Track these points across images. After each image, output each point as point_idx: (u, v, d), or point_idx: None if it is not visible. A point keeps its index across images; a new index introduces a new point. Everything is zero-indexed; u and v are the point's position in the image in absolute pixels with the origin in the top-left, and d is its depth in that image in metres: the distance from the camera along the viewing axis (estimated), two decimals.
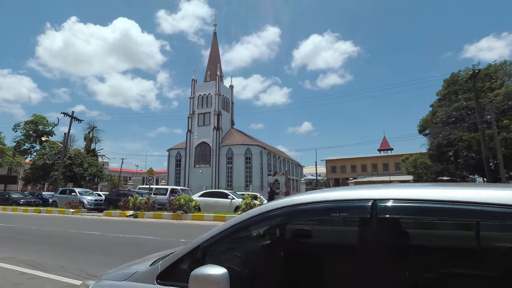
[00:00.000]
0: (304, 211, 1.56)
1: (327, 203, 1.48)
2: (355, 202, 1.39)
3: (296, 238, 1.61)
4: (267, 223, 1.66)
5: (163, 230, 11.11)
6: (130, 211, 15.43)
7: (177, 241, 8.42)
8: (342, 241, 1.44)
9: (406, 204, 1.30)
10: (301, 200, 1.59)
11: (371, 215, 1.29)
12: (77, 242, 8.54)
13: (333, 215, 1.45)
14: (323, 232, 1.58)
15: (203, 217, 13.79)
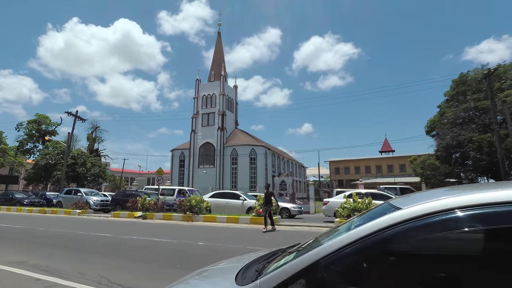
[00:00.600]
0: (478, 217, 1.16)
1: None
2: None
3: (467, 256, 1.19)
4: (418, 232, 1.24)
5: (176, 232, 10.67)
6: (138, 212, 14.98)
7: (195, 244, 7.99)
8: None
9: None
10: (473, 201, 1.19)
11: None
12: (90, 244, 8.10)
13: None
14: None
15: (215, 219, 13.35)
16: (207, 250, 7.31)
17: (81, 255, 6.82)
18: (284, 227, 11.72)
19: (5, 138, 49.71)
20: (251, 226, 11.92)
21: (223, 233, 10.32)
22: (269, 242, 8.50)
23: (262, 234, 9.90)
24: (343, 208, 11.63)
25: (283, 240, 8.89)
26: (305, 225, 12.11)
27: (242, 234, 10.07)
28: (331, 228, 2.36)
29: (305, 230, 11.11)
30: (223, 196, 15.88)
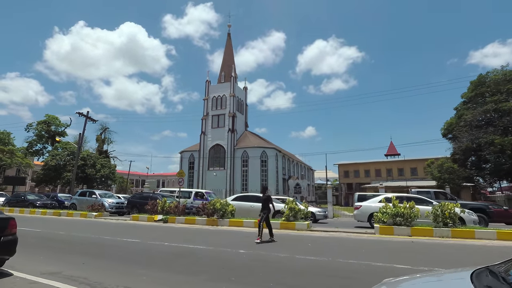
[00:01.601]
0: None
1: None
2: None
3: None
4: None
5: (206, 237, 9.97)
6: (159, 215, 14.31)
7: (236, 252, 7.28)
8: None
9: None
10: None
11: None
12: (121, 252, 7.42)
13: None
14: None
15: (242, 223, 12.63)
16: (253, 259, 6.59)
17: (119, 265, 6.15)
18: (319, 233, 10.98)
19: (13, 139, 49.62)
20: (282, 232, 11.19)
21: (253, 238, 9.59)
22: (314, 250, 7.76)
23: (302, 241, 9.16)
24: (383, 213, 10.86)
25: (332, 250, 8.15)
26: (340, 230, 11.35)
27: (279, 240, 9.34)
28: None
29: (342, 236, 10.35)
30: (246, 199, 15.15)
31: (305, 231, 11.37)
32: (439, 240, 9.26)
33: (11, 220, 5.45)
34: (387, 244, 8.85)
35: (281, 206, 14.18)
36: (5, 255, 5.33)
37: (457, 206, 10.10)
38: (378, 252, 7.70)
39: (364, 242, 9.23)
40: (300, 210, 12.12)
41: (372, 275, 5.21)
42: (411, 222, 10.23)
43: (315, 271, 5.61)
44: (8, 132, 48.53)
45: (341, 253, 7.49)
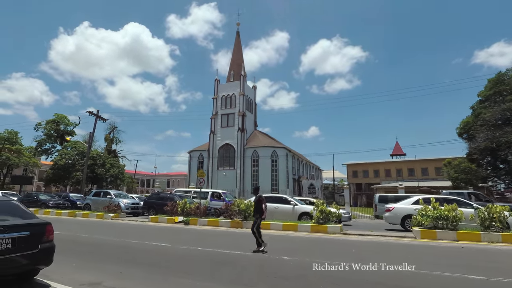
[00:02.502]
0: None
1: None
2: None
3: None
4: None
5: (237, 242, 9.40)
6: (179, 217, 13.76)
7: (282, 259, 6.68)
8: None
9: None
10: None
11: None
12: (157, 258, 6.86)
13: None
14: None
15: (269, 226, 12.03)
16: (303, 267, 5.98)
17: (158, 273, 5.59)
18: (355, 237, 10.35)
19: (20, 138, 49.43)
20: (314, 235, 10.59)
21: (294, 243, 9.01)
22: (365, 257, 7.14)
23: (352, 247, 8.54)
24: (422, 215, 10.22)
25: (382, 256, 7.50)
26: (377, 234, 10.73)
27: (319, 245, 8.75)
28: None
29: (381, 240, 9.72)
30: (269, 200, 14.51)
31: (339, 234, 10.76)
32: (490, 246, 8.62)
33: (47, 225, 4.92)
34: (437, 249, 8.22)
35: (309, 208, 13.60)
36: (43, 265, 4.80)
37: (505, 209, 9.44)
38: (434, 259, 7.07)
39: (410, 247, 8.60)
40: (331, 212, 11.50)
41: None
42: (456, 225, 9.58)
43: (390, 283, 5.00)
44: (16, 131, 48.31)
45: (395, 260, 6.86)
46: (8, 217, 4.82)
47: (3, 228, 4.35)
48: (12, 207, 5.10)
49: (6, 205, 5.07)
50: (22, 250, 4.49)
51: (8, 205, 5.09)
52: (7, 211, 4.96)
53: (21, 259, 4.47)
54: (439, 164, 54.69)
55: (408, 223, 12.06)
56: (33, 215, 5.17)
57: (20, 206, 5.35)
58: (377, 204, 20.01)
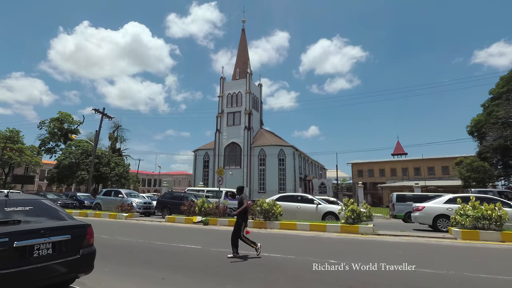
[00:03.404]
0: None
1: None
2: None
3: None
4: None
5: (270, 243, 8.83)
6: (197, 217, 13.19)
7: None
8: None
9: None
10: None
11: None
12: (195, 262, 6.30)
13: None
14: None
15: (295, 226, 11.49)
16: (363, 274, 5.43)
17: (204, 279, 5.04)
18: (390, 238, 9.80)
19: (22, 137, 48.77)
20: (345, 236, 10.03)
21: (333, 245, 8.44)
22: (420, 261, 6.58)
23: (394, 249, 7.98)
24: (461, 215, 9.67)
25: (437, 260, 6.94)
26: (412, 235, 10.17)
27: (359, 247, 8.19)
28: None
29: (421, 241, 9.15)
30: (291, 200, 13.99)
31: (371, 235, 10.21)
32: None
33: (88, 228, 4.35)
34: (488, 252, 7.68)
35: (334, 207, 13.08)
36: (83, 272, 4.22)
37: None
38: (494, 262, 6.53)
39: (458, 249, 8.06)
40: (360, 212, 10.95)
41: None
42: (500, 226, 9.04)
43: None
44: (17, 130, 47.68)
45: (454, 264, 6.31)
46: (44, 218, 4.24)
47: (43, 231, 3.78)
48: (46, 207, 4.52)
49: (39, 204, 4.49)
50: (63, 256, 3.92)
51: (42, 205, 4.51)
52: (41, 211, 4.38)
53: (61, 266, 3.90)
54: (446, 163, 54.28)
55: (441, 223, 11.53)
56: (69, 215, 4.59)
57: (54, 205, 4.78)
58: (395, 204, 19.45)
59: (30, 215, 4.18)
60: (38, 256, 3.65)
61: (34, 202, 4.48)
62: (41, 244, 3.71)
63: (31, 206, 4.32)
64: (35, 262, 3.62)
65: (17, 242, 3.48)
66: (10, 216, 3.90)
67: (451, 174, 52.68)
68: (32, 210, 4.27)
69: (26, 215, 4.14)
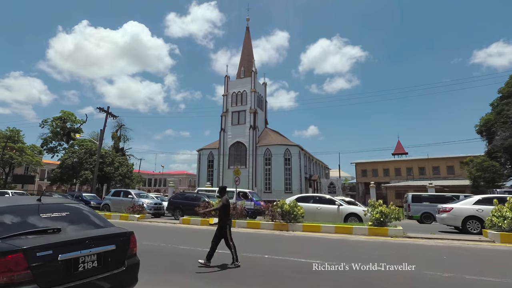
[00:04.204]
0: None
1: None
2: None
3: None
4: None
5: (304, 246, 8.35)
6: (214, 218, 12.65)
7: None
8: None
9: None
10: None
11: None
12: (232, 270, 5.80)
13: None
14: None
15: (319, 228, 11.01)
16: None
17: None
18: (424, 241, 9.32)
19: (22, 136, 48.11)
20: (374, 239, 9.56)
21: (369, 250, 7.96)
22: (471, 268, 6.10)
23: (437, 253, 7.50)
24: (498, 217, 9.21)
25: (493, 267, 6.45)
26: (445, 238, 9.70)
27: (398, 252, 7.72)
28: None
29: (457, 245, 8.68)
30: (310, 200, 13.50)
31: (402, 238, 9.74)
32: None
33: (131, 235, 3.84)
34: None
35: (356, 208, 12.62)
36: (128, 286, 3.72)
37: None
38: None
39: (502, 253, 7.61)
40: (389, 214, 10.47)
41: None
42: None
43: None
44: (18, 129, 47.04)
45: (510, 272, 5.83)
46: (83, 225, 3.73)
47: (88, 241, 3.28)
48: (82, 212, 4.01)
49: (75, 210, 3.98)
50: (108, 269, 3.41)
51: (78, 210, 3.99)
52: (78, 217, 3.87)
53: (107, 281, 3.39)
54: (451, 163, 53.97)
55: (471, 225, 11.08)
56: (107, 221, 4.08)
57: (90, 210, 4.27)
58: (411, 204, 18.99)
59: (68, 222, 3.66)
60: (83, 270, 3.15)
61: (69, 207, 3.96)
62: (86, 256, 3.21)
63: (67, 211, 3.81)
64: (81, 277, 3.12)
65: (62, 255, 2.97)
66: (48, 224, 3.40)
67: (456, 174, 52.39)
68: (68, 216, 3.76)
69: (64, 222, 3.64)
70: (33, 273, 2.74)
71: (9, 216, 3.29)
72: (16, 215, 3.36)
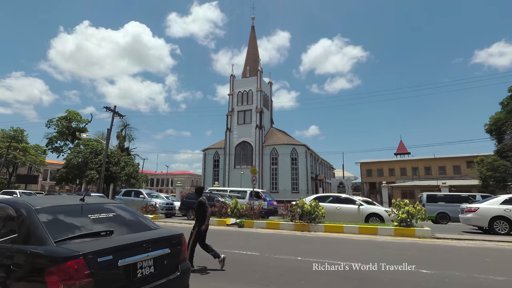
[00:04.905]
0: None
1: None
2: None
3: None
4: None
5: (337, 248, 8.04)
6: (231, 218, 12.39)
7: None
8: None
9: None
10: None
11: None
12: (272, 274, 5.49)
13: None
14: None
15: (342, 229, 10.70)
16: None
17: None
18: (454, 242, 9.01)
19: (26, 136, 47.96)
20: (402, 240, 9.24)
21: (400, 252, 7.65)
22: None
23: (475, 256, 7.17)
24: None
25: None
26: (476, 239, 9.38)
27: (433, 254, 7.40)
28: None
29: (490, 246, 8.36)
30: (328, 200, 13.20)
31: (431, 239, 9.42)
32: None
33: (182, 237, 3.55)
34: None
35: (379, 208, 12.32)
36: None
37: None
38: None
39: None
40: (416, 214, 10.16)
41: None
42: None
43: None
44: (22, 129, 46.91)
45: None
46: (133, 227, 3.43)
47: (145, 245, 2.98)
48: (127, 213, 3.71)
49: (121, 209, 3.68)
50: (164, 275, 3.12)
51: (122, 210, 3.69)
52: (125, 218, 3.57)
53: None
54: (457, 163, 53.62)
55: (498, 226, 10.76)
56: (153, 222, 3.78)
57: (134, 210, 3.97)
58: (425, 204, 18.63)
59: (117, 224, 3.37)
60: (142, 277, 2.86)
61: (114, 207, 3.66)
62: (144, 261, 2.92)
63: (113, 212, 3.51)
64: (140, 284, 2.83)
65: (122, 260, 2.68)
66: (98, 225, 3.11)
67: (463, 174, 52.01)
68: (116, 217, 3.46)
69: (113, 223, 3.35)
70: (94, 280, 2.44)
71: (59, 217, 2.99)
72: (66, 216, 3.06)
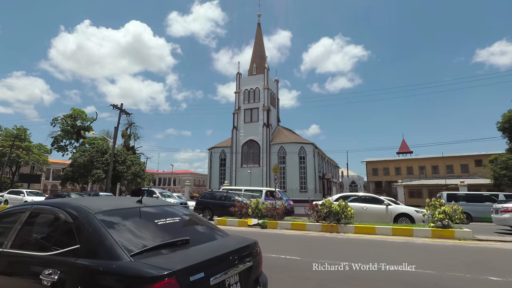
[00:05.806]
0: None
1: None
2: None
3: None
4: None
5: (377, 252, 7.48)
6: (253, 219, 11.84)
7: None
8: None
9: None
10: None
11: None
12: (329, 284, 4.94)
13: None
14: None
15: (374, 230, 10.15)
16: None
17: None
18: (497, 244, 8.45)
19: (29, 135, 47.50)
20: (448, 243, 8.68)
21: (452, 255, 7.09)
22: None
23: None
24: None
25: None
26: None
27: (487, 258, 6.85)
28: None
29: None
30: (352, 200, 12.64)
31: (472, 241, 8.86)
32: None
33: (258, 246, 3.00)
34: None
35: (409, 208, 11.79)
36: None
37: None
38: None
39: None
40: (454, 214, 9.61)
41: None
42: None
43: None
44: (25, 128, 46.47)
45: None
46: (203, 234, 2.90)
47: (231, 257, 2.43)
48: (190, 217, 3.14)
49: (182, 213, 3.11)
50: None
51: (184, 214, 3.11)
52: (190, 223, 3.02)
53: None
54: (465, 161, 53.02)
55: None
56: (217, 227, 3.23)
57: (195, 214, 3.42)
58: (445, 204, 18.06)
59: (189, 231, 2.84)
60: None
61: (174, 210, 3.10)
62: (231, 277, 2.37)
63: (177, 215, 2.95)
64: None
65: (213, 278, 2.13)
66: (169, 233, 2.54)
67: (471, 172, 51.45)
68: (184, 222, 2.92)
69: (183, 230, 2.81)
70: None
71: (124, 224, 2.42)
72: (130, 222, 2.48)
